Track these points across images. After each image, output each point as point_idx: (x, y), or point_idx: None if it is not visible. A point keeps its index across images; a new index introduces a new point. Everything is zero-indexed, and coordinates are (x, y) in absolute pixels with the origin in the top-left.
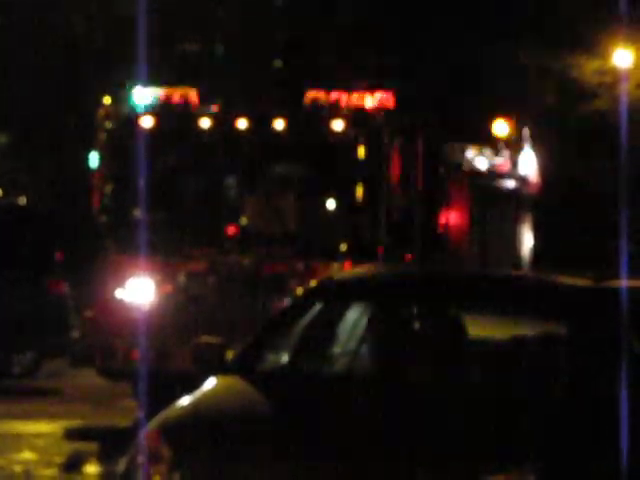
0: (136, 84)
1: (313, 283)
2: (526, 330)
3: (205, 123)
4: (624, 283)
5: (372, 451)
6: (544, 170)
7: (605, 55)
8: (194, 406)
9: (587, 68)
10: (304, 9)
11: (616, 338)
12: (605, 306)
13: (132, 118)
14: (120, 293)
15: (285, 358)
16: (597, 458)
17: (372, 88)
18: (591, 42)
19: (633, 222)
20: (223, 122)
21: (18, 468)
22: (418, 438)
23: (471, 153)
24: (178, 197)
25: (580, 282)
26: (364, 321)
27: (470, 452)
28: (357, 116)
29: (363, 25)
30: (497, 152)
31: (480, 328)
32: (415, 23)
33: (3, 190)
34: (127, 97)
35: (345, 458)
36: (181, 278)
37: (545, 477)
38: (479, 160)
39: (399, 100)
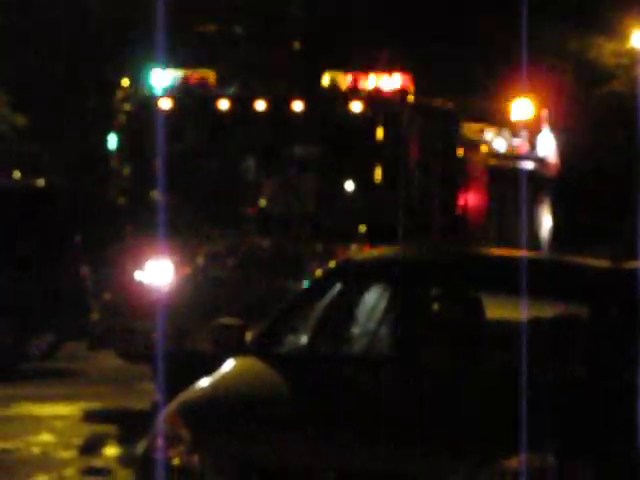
0: (154, 66)
1: (332, 264)
2: (545, 312)
3: (223, 105)
4: None
5: (390, 433)
6: (562, 151)
7: (623, 36)
8: (213, 388)
9: (605, 49)
10: None
11: (636, 319)
12: (625, 287)
13: (150, 100)
14: (139, 275)
15: (304, 339)
16: (615, 439)
17: (391, 69)
18: (609, 23)
19: None
20: (241, 104)
21: (37, 450)
22: (435, 420)
23: (489, 135)
24: (196, 179)
25: (599, 263)
26: (383, 303)
27: (488, 434)
28: (375, 98)
29: (381, 8)
30: (515, 134)
31: (499, 310)
32: (432, 5)
33: (22, 172)
34: (145, 79)
35: (363, 440)
36: (200, 260)
37: (564, 459)
38: (497, 142)
39: (418, 81)
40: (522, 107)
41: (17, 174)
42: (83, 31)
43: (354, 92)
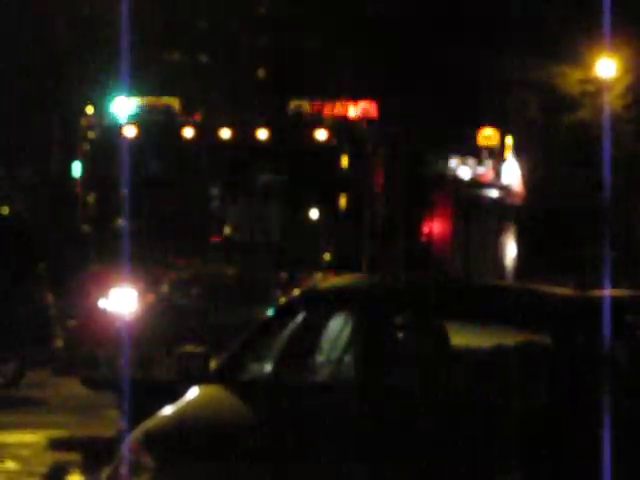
0: (119, 94)
1: (296, 292)
2: (510, 340)
3: (188, 133)
4: (606, 292)
5: (357, 460)
6: (527, 180)
7: (588, 65)
8: (177, 416)
9: (570, 78)
10: (288, 18)
11: (598, 347)
12: (587, 315)
13: (115, 128)
14: (103, 303)
15: (268, 367)
16: (579, 466)
17: (355, 98)
18: (574, 52)
19: (615, 230)
20: (206, 131)
21: (1, 478)
22: (401, 448)
23: (454, 163)
24: (161, 207)
25: (563, 292)
26: (347, 331)
27: (450, 460)
28: (340, 126)
29: (347, 36)
30: (480, 162)
31: (464, 338)
32: (400, 34)
33: None
34: (110, 107)
35: (328, 466)
36: (164, 288)
37: None
38: (462, 170)
39: (382, 110)
40: (487, 135)
41: None
42: (49, 59)
43: (319, 120)
